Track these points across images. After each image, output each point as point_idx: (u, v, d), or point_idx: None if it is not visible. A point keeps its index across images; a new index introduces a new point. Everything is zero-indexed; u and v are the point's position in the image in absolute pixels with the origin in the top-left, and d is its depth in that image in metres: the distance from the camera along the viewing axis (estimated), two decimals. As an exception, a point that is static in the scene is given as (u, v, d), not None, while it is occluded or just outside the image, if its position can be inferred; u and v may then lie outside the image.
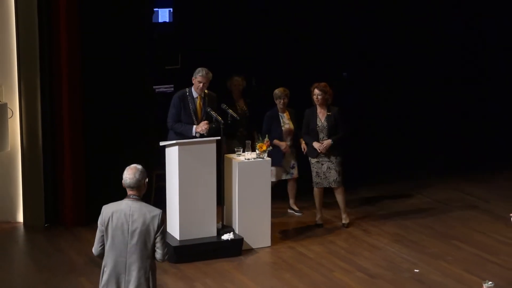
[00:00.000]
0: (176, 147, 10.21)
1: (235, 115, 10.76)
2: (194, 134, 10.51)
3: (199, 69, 10.61)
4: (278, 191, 11.90)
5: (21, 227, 11.42)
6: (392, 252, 10.80)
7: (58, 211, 10.44)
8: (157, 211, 6.53)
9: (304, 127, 11.56)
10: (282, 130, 11.74)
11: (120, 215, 6.50)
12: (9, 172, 11.40)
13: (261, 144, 10.72)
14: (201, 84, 10.58)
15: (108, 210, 6.56)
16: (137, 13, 12.39)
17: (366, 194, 13.11)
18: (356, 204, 12.48)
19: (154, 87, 12.69)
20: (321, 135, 11.42)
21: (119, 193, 6.90)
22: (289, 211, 12.28)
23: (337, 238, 11.27)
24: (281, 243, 10.99)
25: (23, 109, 11.17)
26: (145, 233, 6.44)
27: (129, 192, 6.56)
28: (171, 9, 14.85)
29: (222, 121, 10.45)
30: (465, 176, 14.39)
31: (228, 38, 13.46)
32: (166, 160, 10.56)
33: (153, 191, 12.00)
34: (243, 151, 10.78)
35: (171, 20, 14.98)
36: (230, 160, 10.75)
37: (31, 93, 11.14)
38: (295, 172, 12.00)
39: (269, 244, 10.85)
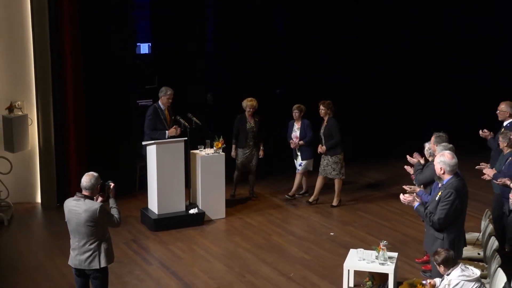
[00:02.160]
0: (154, 146, 10.31)
1: (198, 121, 10.66)
2: (167, 138, 10.50)
3: (166, 88, 10.67)
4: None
5: (39, 206, 11.46)
6: (313, 220, 11.01)
7: (66, 193, 10.22)
8: (96, 205, 6.61)
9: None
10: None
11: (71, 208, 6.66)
12: (29, 165, 11.42)
13: (217, 142, 10.82)
14: (170, 99, 10.68)
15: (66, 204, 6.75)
16: (125, 47, 12.32)
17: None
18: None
19: (137, 101, 12.72)
20: (322, 141, 11.34)
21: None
22: (296, 196, 11.98)
23: (274, 211, 11.37)
24: (233, 215, 11.07)
25: (39, 119, 11.16)
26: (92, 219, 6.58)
27: (84, 192, 6.64)
28: (150, 43, 14.83)
29: (188, 126, 10.54)
30: (366, 162, 14.17)
31: (189, 64, 13.26)
32: (147, 155, 10.61)
33: (137, 179, 12.09)
34: (204, 148, 10.85)
35: (150, 52, 14.89)
36: (195, 154, 10.83)
37: (45, 106, 11.13)
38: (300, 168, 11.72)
39: (223, 216, 10.96)
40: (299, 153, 11.65)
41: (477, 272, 6.48)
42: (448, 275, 6.51)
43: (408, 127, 14.95)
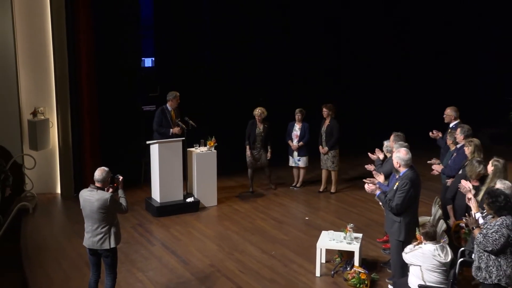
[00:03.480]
0: (157, 145, 10.32)
1: (194, 124, 10.66)
2: (171, 134, 10.58)
3: (174, 93, 10.74)
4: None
5: (59, 196, 11.44)
6: (291, 207, 11.05)
7: (82, 185, 10.14)
8: (107, 195, 6.66)
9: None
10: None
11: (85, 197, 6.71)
12: (51, 161, 11.40)
13: (210, 142, 10.82)
14: (177, 102, 10.77)
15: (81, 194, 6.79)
16: (132, 61, 12.31)
17: (282, 173, 12.52)
18: (273, 178, 12.09)
19: (142, 106, 12.72)
20: (322, 138, 11.40)
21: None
22: (291, 187, 12.01)
23: (258, 200, 11.38)
24: (223, 203, 11.07)
25: (59, 122, 11.15)
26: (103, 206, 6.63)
27: (96, 184, 6.70)
28: (153, 58, 14.74)
29: (185, 128, 10.57)
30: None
31: (187, 75, 13.23)
32: (150, 152, 10.62)
33: (142, 172, 12.07)
34: (199, 146, 10.87)
35: (153, 65, 14.83)
36: (191, 152, 10.84)
37: (64, 111, 11.13)
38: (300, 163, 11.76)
39: (215, 204, 10.97)
40: (296, 151, 11.69)
41: (447, 258, 6.50)
42: (425, 244, 6.58)
43: (370, 128, 14.89)
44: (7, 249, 9.07)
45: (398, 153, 7.21)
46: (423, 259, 6.48)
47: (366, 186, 7.47)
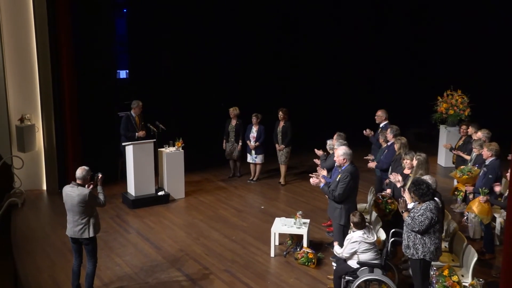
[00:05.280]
0: (131, 146, 10.22)
1: (163, 127, 10.54)
2: (136, 138, 10.48)
3: (137, 101, 10.71)
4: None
5: (45, 192, 11.23)
6: (249, 198, 11.04)
7: (65, 182, 10.07)
8: (86, 191, 6.58)
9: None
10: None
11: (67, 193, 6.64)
12: (37, 161, 11.16)
13: (178, 142, 10.72)
14: (140, 109, 10.70)
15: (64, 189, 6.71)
16: (109, 72, 12.14)
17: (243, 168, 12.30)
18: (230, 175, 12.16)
19: (118, 113, 12.52)
20: (278, 137, 11.38)
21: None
22: (248, 181, 11.92)
23: (220, 192, 11.32)
24: (190, 196, 11.00)
25: (44, 127, 10.98)
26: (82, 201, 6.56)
27: (77, 181, 6.63)
28: (127, 70, 14.71)
29: (156, 130, 10.45)
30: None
31: (156, 85, 13.21)
32: (126, 153, 10.50)
33: (119, 170, 11.91)
34: (168, 147, 10.74)
35: (127, 77, 14.79)
36: (162, 151, 10.73)
37: (48, 117, 10.95)
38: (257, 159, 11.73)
39: (183, 196, 10.88)
40: (253, 150, 11.66)
41: (373, 238, 6.63)
42: (353, 231, 6.65)
43: (315, 129, 14.92)
44: (-1, 240, 8.97)
45: (345, 150, 7.31)
46: (357, 245, 6.56)
47: (311, 180, 7.53)
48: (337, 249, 6.83)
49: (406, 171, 7.76)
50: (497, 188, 7.76)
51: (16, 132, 10.77)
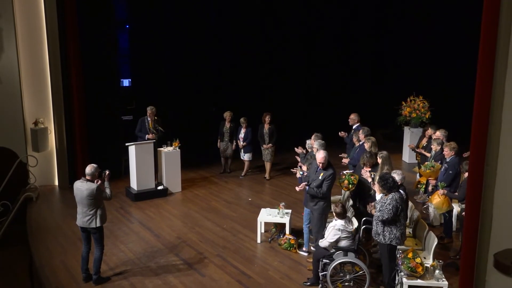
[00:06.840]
0: (134, 146, 10.17)
1: (163, 130, 10.57)
2: (146, 139, 10.43)
3: (150, 107, 10.61)
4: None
5: (57, 187, 11.08)
6: (238, 191, 10.97)
7: (75, 178, 9.99)
8: (94, 186, 6.52)
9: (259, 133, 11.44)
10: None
11: (77, 187, 6.58)
12: (50, 159, 11.05)
13: (175, 143, 10.66)
14: (153, 114, 10.60)
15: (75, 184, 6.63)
16: (113, 82, 12.02)
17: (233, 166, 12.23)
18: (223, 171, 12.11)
19: (121, 117, 12.49)
20: (265, 137, 11.36)
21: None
22: (240, 176, 11.80)
23: (213, 186, 11.26)
24: (186, 190, 10.94)
25: (56, 129, 10.87)
26: (91, 194, 6.51)
27: (86, 177, 6.57)
28: (130, 79, 14.66)
29: (157, 134, 10.49)
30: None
31: (154, 94, 13.14)
32: (129, 152, 10.41)
33: (122, 167, 11.80)
34: (167, 147, 10.68)
35: (130, 85, 14.76)
36: (161, 151, 10.65)
37: (59, 121, 10.83)
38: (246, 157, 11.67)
39: (180, 190, 10.80)
40: (242, 149, 11.63)
41: (352, 227, 6.67)
42: (335, 220, 6.66)
43: (296, 130, 14.88)
44: (16, 229, 9.04)
45: (325, 155, 7.23)
46: (340, 232, 6.57)
47: (297, 188, 7.46)
48: (320, 243, 6.81)
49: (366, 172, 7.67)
50: (432, 182, 8.13)
51: (31, 134, 10.70)
